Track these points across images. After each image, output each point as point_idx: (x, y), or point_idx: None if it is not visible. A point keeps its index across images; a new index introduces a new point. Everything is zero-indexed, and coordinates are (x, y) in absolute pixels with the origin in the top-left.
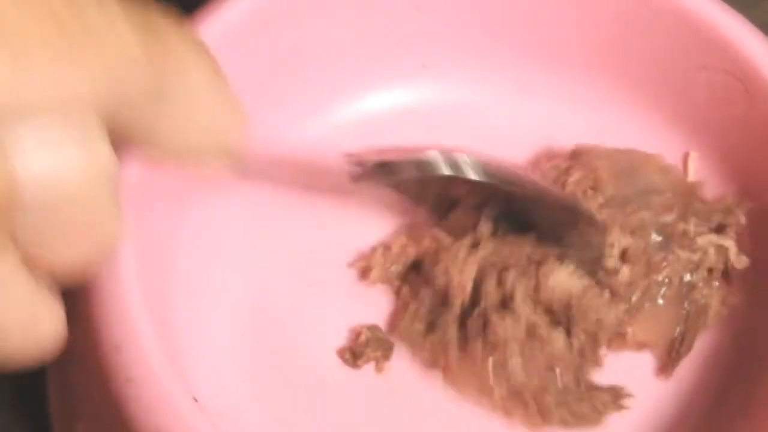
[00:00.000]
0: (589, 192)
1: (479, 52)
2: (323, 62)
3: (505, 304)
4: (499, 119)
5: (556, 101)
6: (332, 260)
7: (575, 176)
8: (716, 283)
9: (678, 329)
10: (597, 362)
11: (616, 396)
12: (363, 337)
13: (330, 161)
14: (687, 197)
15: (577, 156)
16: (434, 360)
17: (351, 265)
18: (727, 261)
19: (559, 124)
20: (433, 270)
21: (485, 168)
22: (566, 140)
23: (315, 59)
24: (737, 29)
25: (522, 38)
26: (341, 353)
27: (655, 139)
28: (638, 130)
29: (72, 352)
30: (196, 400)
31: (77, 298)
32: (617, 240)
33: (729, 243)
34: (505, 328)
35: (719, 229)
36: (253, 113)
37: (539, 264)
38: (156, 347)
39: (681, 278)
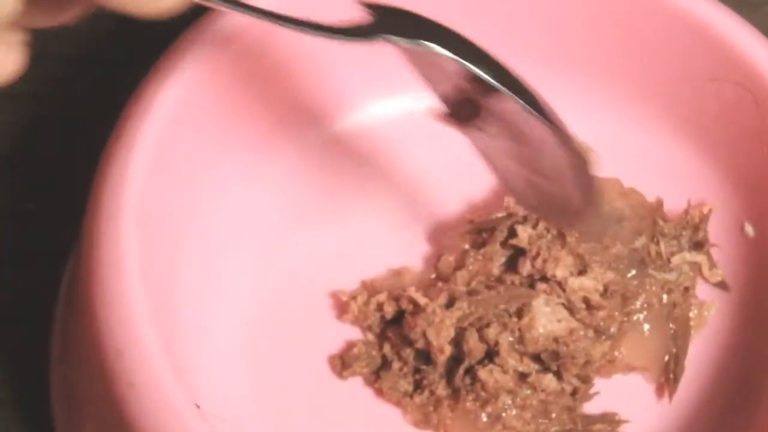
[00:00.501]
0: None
1: None
2: (329, 68)
3: (491, 356)
4: None
5: (564, 111)
6: (335, 270)
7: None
8: (696, 298)
9: (668, 353)
10: (588, 398)
11: (611, 423)
12: (356, 350)
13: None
14: (652, 219)
15: None
16: (426, 419)
17: (331, 295)
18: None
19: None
20: (410, 333)
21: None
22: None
23: (320, 65)
24: (748, 40)
25: (530, 47)
26: (332, 361)
27: (665, 149)
28: (648, 140)
29: (75, 355)
30: (197, 406)
31: (80, 302)
32: (600, 276)
33: (701, 258)
34: (495, 380)
35: (691, 246)
36: (254, 123)
37: (519, 315)
38: (158, 352)
39: (660, 300)
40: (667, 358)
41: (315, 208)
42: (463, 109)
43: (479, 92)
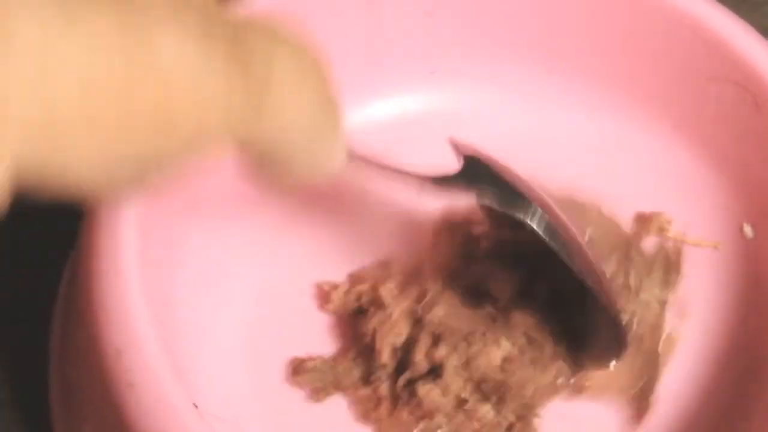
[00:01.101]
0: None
1: (488, 59)
2: (331, 68)
3: (437, 372)
4: (507, 127)
5: (564, 110)
6: (338, 269)
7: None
8: (664, 329)
9: (636, 384)
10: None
11: None
12: (310, 364)
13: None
14: (625, 249)
15: None
16: (366, 414)
17: (316, 287)
18: None
19: (567, 133)
20: (362, 327)
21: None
22: (574, 149)
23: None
24: (748, 41)
25: (532, 47)
26: (293, 362)
27: (664, 149)
28: (647, 140)
29: (74, 355)
30: (196, 406)
31: (80, 302)
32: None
33: (672, 298)
34: (434, 398)
35: (662, 284)
36: None
37: (473, 340)
38: (157, 352)
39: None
40: (636, 389)
41: (316, 207)
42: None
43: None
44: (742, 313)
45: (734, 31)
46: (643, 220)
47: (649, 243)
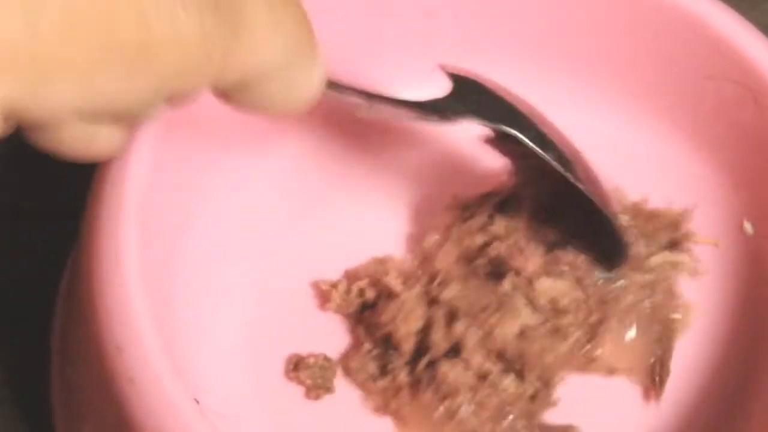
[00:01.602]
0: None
1: (488, 58)
2: (332, 65)
3: (456, 350)
4: None
5: (564, 109)
6: (339, 268)
7: (528, 208)
8: (680, 299)
9: (653, 355)
10: (551, 404)
11: None
12: (311, 359)
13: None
14: (631, 217)
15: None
16: (385, 404)
17: (314, 285)
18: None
19: (567, 131)
20: (380, 318)
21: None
22: None
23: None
24: (747, 39)
25: (532, 45)
26: (290, 359)
27: (664, 147)
28: (647, 138)
29: (75, 352)
30: (197, 402)
31: (80, 299)
32: (565, 289)
33: (683, 257)
34: (456, 375)
35: (671, 245)
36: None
37: (490, 312)
38: (157, 349)
39: (641, 301)
40: (652, 360)
41: (316, 205)
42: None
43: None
44: (742, 310)
45: (734, 29)
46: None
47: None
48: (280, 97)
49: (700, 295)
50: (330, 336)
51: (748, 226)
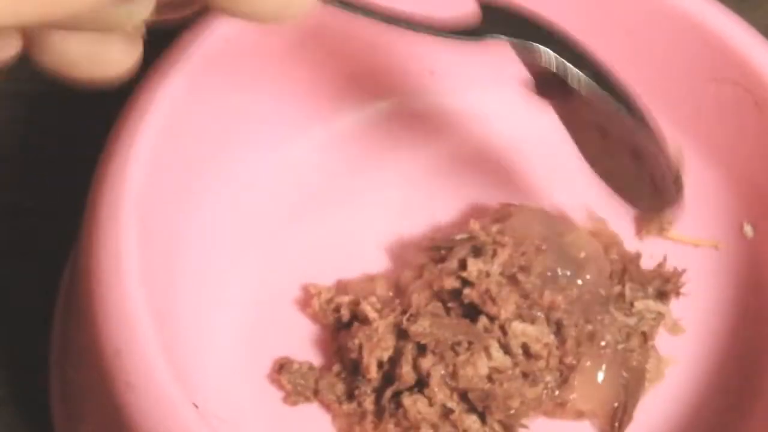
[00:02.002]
0: (519, 275)
1: (487, 59)
2: (330, 68)
3: (422, 384)
4: (506, 127)
5: None
6: (338, 271)
7: (503, 256)
8: (653, 349)
9: (617, 400)
10: None
11: None
12: (296, 365)
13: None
14: (622, 264)
15: (505, 218)
16: (350, 428)
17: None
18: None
19: (567, 133)
20: (349, 342)
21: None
22: (574, 149)
23: (322, 65)
24: (747, 40)
25: None
26: (277, 362)
27: None
28: None
29: (74, 354)
30: (195, 406)
31: (80, 302)
32: (540, 332)
33: (666, 310)
34: (419, 410)
35: (657, 296)
36: (257, 120)
37: (460, 351)
38: (156, 352)
39: (617, 344)
40: (616, 404)
41: (316, 207)
42: (555, 89)
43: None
44: (742, 312)
45: (734, 31)
46: (644, 220)
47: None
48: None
49: (700, 297)
50: (318, 343)
51: (748, 229)
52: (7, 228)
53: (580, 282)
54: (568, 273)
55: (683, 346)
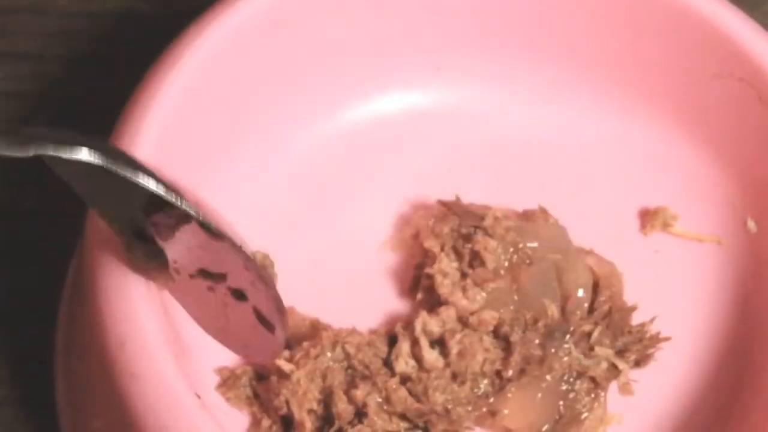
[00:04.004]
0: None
1: (494, 56)
2: (338, 63)
3: (360, 417)
4: (512, 124)
5: (569, 107)
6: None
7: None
8: (600, 401)
9: (546, 427)
10: None
11: None
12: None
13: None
14: (608, 307)
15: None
16: None
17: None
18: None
19: (571, 130)
20: (275, 400)
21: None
22: (580, 145)
23: (330, 60)
24: (752, 37)
25: (536, 44)
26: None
27: (669, 145)
28: (652, 136)
29: (79, 347)
30: (198, 396)
31: (84, 294)
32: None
33: (624, 367)
34: None
35: (621, 352)
36: (264, 113)
37: (385, 375)
38: (160, 343)
39: (562, 377)
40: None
41: (318, 202)
42: (150, 253)
43: (162, 221)
44: (745, 307)
45: (740, 28)
46: (648, 215)
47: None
48: None
49: (702, 291)
50: None
51: (751, 224)
52: (9, 227)
53: (554, 307)
54: (547, 294)
55: (685, 343)
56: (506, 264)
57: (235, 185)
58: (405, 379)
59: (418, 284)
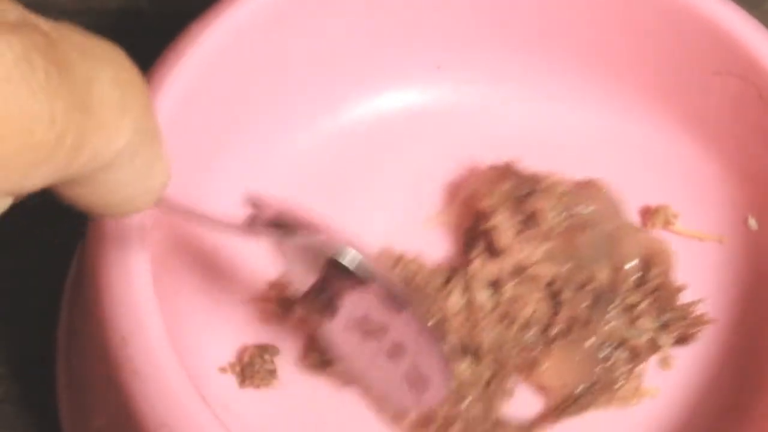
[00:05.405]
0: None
1: (493, 54)
2: (338, 62)
3: None
4: (512, 121)
5: (569, 106)
6: None
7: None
8: (637, 375)
9: (579, 389)
10: (507, 394)
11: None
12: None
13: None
14: (657, 283)
15: (586, 186)
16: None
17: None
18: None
19: (572, 127)
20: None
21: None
22: (580, 143)
23: (330, 58)
24: (753, 35)
25: (537, 42)
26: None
27: (669, 143)
28: (652, 134)
29: (80, 343)
30: (200, 394)
31: (87, 290)
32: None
33: (665, 341)
34: None
35: (664, 327)
36: (264, 111)
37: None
38: (162, 340)
39: (602, 344)
40: (574, 390)
41: (319, 199)
42: (320, 303)
43: (340, 287)
44: (746, 305)
45: (740, 25)
46: (649, 213)
47: None
48: (127, 187)
49: (704, 290)
50: None
51: (752, 222)
52: (11, 225)
53: (604, 274)
54: (599, 261)
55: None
56: (560, 227)
57: (235, 184)
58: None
59: (470, 246)
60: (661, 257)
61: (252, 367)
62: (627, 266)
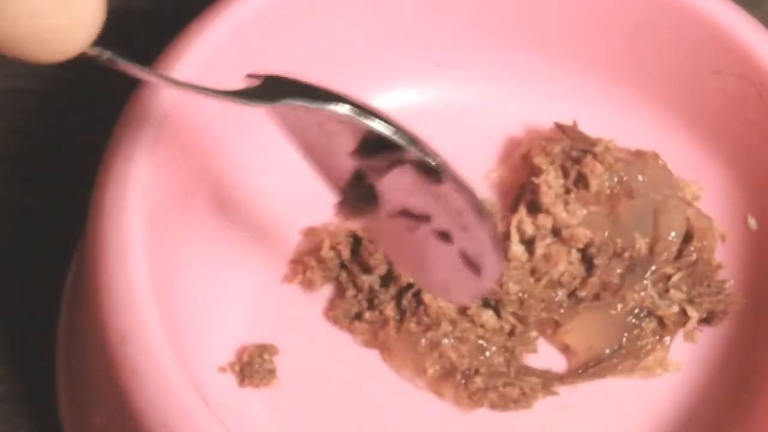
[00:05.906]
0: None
1: (494, 53)
2: (337, 61)
3: None
4: (512, 120)
5: (569, 103)
6: None
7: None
8: (660, 343)
9: (600, 354)
10: (530, 346)
11: (546, 381)
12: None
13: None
14: (695, 258)
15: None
16: (374, 337)
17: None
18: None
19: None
20: (370, 259)
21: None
22: None
23: (329, 57)
24: (752, 34)
25: (536, 40)
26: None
27: (669, 142)
28: (652, 133)
29: (80, 342)
30: (199, 393)
31: (86, 289)
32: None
33: (694, 315)
34: (438, 306)
35: (695, 301)
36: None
37: None
38: (161, 339)
39: (632, 311)
40: (594, 356)
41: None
42: (359, 196)
43: (375, 165)
44: (746, 304)
45: (739, 25)
46: None
47: None
48: (46, 17)
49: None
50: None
51: (752, 221)
52: (10, 226)
53: (643, 243)
54: (640, 229)
55: (685, 342)
56: (608, 192)
57: (233, 182)
58: None
59: (518, 201)
60: (704, 233)
61: (251, 367)
62: (667, 238)
